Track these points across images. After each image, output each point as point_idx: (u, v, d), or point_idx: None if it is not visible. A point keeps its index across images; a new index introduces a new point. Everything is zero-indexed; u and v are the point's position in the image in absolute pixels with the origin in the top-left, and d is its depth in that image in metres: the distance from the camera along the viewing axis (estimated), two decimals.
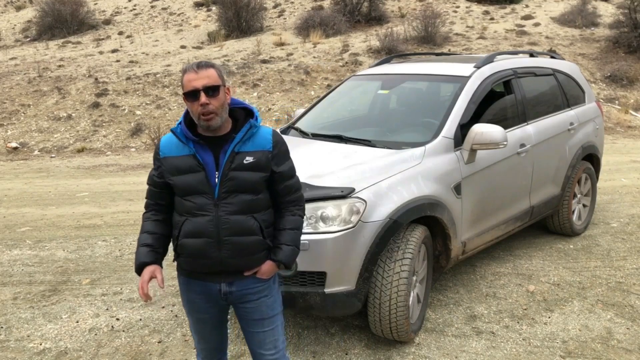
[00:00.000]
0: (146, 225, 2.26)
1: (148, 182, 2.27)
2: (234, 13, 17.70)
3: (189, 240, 2.14)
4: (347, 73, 13.28)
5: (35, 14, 20.14)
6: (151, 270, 2.16)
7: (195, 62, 2.13)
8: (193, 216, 2.13)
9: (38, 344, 3.46)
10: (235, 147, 2.13)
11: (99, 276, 4.51)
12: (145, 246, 2.21)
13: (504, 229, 4.26)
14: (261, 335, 2.29)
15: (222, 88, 2.12)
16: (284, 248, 2.22)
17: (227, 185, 2.11)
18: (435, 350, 3.31)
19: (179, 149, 2.16)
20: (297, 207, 2.28)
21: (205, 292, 2.24)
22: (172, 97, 12.36)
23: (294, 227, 2.26)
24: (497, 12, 19.18)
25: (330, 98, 4.85)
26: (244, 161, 2.12)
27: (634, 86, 13.74)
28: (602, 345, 3.36)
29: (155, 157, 2.23)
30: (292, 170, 2.27)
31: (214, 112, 2.08)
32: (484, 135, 3.63)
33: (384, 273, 3.14)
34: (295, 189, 2.27)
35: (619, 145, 10.39)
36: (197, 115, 2.09)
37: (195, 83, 2.07)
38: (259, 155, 2.15)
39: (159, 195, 2.24)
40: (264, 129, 2.21)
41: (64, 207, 6.66)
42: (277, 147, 2.20)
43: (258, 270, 2.21)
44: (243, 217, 2.13)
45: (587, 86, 5.56)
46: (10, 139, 11.07)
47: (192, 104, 2.09)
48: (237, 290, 2.22)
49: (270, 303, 2.29)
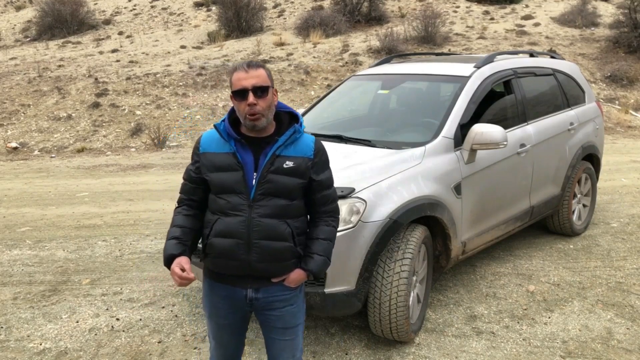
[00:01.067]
0: (176, 219, 2.24)
1: (184, 176, 2.27)
2: (234, 13, 17.70)
3: (218, 240, 2.12)
4: (347, 73, 13.28)
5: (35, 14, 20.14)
6: (179, 262, 2.11)
7: (245, 62, 2.12)
8: (225, 215, 2.11)
9: (38, 344, 3.46)
10: (277, 150, 2.11)
11: (99, 276, 4.51)
12: (173, 239, 2.18)
13: (504, 229, 4.26)
14: (281, 343, 2.26)
15: (271, 89, 2.11)
16: (316, 258, 2.18)
17: (264, 187, 2.09)
18: (435, 350, 3.31)
19: (219, 145, 2.15)
20: (332, 218, 2.25)
21: (230, 296, 2.20)
22: (172, 97, 12.36)
23: (328, 237, 2.22)
24: (497, 12, 19.19)
25: (330, 98, 4.85)
26: (283, 165, 2.10)
27: (634, 86, 13.74)
28: (602, 345, 3.36)
29: (195, 152, 2.22)
30: (330, 180, 2.25)
31: (260, 112, 2.07)
32: (484, 135, 3.63)
33: (384, 273, 3.14)
34: (332, 199, 2.25)
35: (619, 145, 10.40)
36: (243, 115, 2.08)
37: (245, 82, 2.06)
38: (299, 161, 2.12)
39: (193, 191, 2.23)
40: (307, 136, 2.20)
41: (64, 207, 6.66)
42: (318, 155, 2.18)
43: (286, 278, 2.18)
44: (275, 221, 2.10)
45: (587, 86, 5.56)
46: (10, 139, 11.07)
47: (240, 103, 2.08)
48: (263, 297, 2.18)
49: (294, 312, 2.25)
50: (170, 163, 9.43)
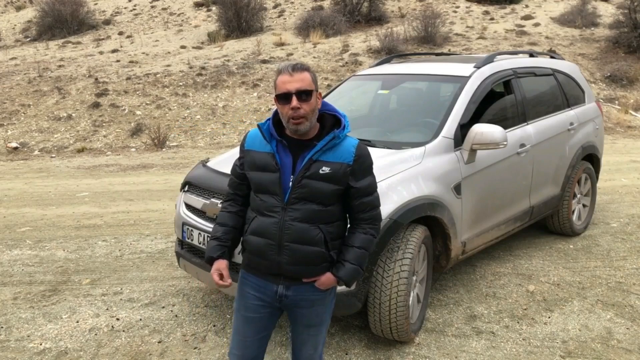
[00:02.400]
0: (221, 216, 2.31)
1: (231, 171, 2.34)
2: (234, 13, 17.72)
3: (252, 238, 2.17)
4: (347, 73, 13.28)
5: (35, 14, 20.16)
6: (217, 267, 2.21)
7: (290, 64, 2.09)
8: (261, 215, 2.15)
9: (38, 344, 3.46)
10: (314, 156, 2.09)
11: (99, 276, 4.51)
12: (215, 239, 2.26)
13: (504, 229, 4.26)
14: (305, 336, 2.30)
15: (315, 93, 2.10)
16: (347, 266, 2.17)
17: (298, 191, 2.09)
18: (435, 350, 3.31)
19: (261, 145, 2.17)
20: (370, 226, 2.21)
21: (261, 289, 2.23)
22: (172, 97, 12.36)
23: (363, 246, 2.18)
24: (497, 12, 19.19)
25: (330, 98, 4.85)
26: (319, 171, 2.08)
27: (633, 86, 13.74)
28: (602, 345, 3.37)
29: (241, 148, 2.27)
30: (372, 187, 2.20)
31: (304, 116, 2.06)
32: (484, 135, 3.63)
33: (384, 273, 3.14)
34: (371, 206, 2.20)
35: (619, 145, 10.40)
36: (286, 118, 2.08)
37: (289, 86, 2.05)
38: (337, 167, 2.09)
39: (238, 187, 2.29)
40: (350, 140, 2.16)
41: (64, 207, 6.66)
42: (359, 161, 2.14)
43: (317, 280, 2.18)
44: (307, 225, 2.10)
45: (587, 86, 5.56)
46: (10, 139, 11.07)
47: (283, 106, 2.07)
48: (292, 295, 2.20)
49: (320, 313, 2.27)
50: (170, 163, 9.43)
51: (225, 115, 11.79)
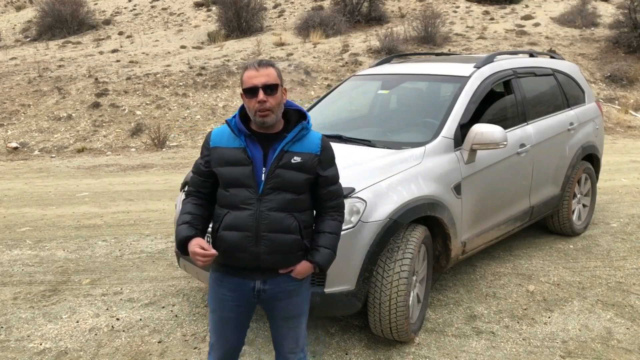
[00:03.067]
0: (186, 207, 2.32)
1: (193, 170, 2.35)
2: (234, 13, 17.72)
3: (228, 233, 2.18)
4: (347, 73, 13.28)
5: (35, 14, 20.15)
6: (196, 242, 2.16)
7: (256, 60, 2.22)
8: (235, 209, 2.18)
9: (38, 344, 3.46)
10: (285, 146, 2.19)
11: (99, 276, 4.51)
12: (184, 223, 2.25)
13: (504, 229, 4.26)
14: (285, 330, 2.35)
15: (280, 87, 2.20)
16: (322, 250, 2.26)
17: (273, 182, 2.17)
18: (435, 350, 3.31)
19: (229, 140, 2.23)
20: (337, 213, 2.33)
21: (238, 289, 2.26)
22: (172, 97, 12.36)
23: (334, 231, 2.30)
24: (497, 12, 19.19)
25: (330, 98, 4.85)
26: (291, 160, 2.18)
27: (633, 86, 13.74)
28: (602, 345, 3.37)
29: (205, 146, 2.30)
30: (336, 177, 2.33)
31: (270, 109, 2.15)
32: (484, 135, 3.63)
33: (384, 273, 3.14)
34: (337, 195, 2.32)
35: (619, 145, 10.40)
36: (253, 112, 2.17)
37: (255, 80, 2.14)
38: (306, 157, 2.20)
39: (202, 184, 2.31)
40: (314, 134, 2.28)
41: (64, 207, 6.66)
42: (325, 152, 2.27)
43: (293, 270, 2.25)
44: (283, 214, 2.17)
45: (587, 86, 5.56)
46: (10, 139, 11.07)
47: (250, 100, 2.16)
48: (270, 288, 2.25)
49: (298, 303, 2.33)
50: (170, 163, 9.43)
51: (225, 115, 11.78)
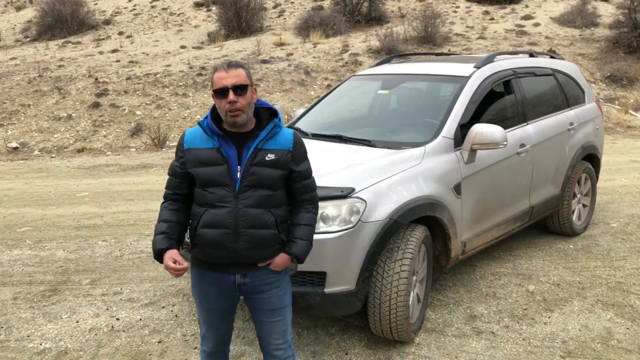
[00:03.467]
0: (162, 214, 2.35)
1: (169, 172, 2.38)
2: (234, 13, 17.71)
3: (207, 231, 2.23)
4: (347, 73, 13.28)
5: (35, 14, 20.15)
6: (170, 256, 2.23)
7: (226, 62, 2.25)
8: (212, 207, 2.22)
9: (38, 344, 3.46)
10: (259, 144, 2.24)
11: (99, 276, 4.51)
12: (161, 234, 2.30)
13: (504, 229, 4.26)
14: (270, 325, 2.38)
15: (250, 87, 2.24)
16: (299, 242, 2.32)
17: (248, 179, 2.21)
18: (435, 350, 3.31)
19: (203, 141, 2.27)
20: (312, 205, 2.39)
21: (219, 283, 2.31)
22: (172, 97, 12.36)
23: (309, 223, 2.36)
24: (497, 12, 19.19)
25: (330, 98, 4.85)
26: (265, 158, 2.23)
27: (633, 86, 13.74)
28: (602, 345, 3.37)
29: (179, 148, 2.34)
30: (309, 171, 2.38)
31: (240, 109, 2.19)
32: (484, 135, 3.64)
33: (384, 273, 3.14)
34: (311, 188, 2.39)
35: (619, 145, 10.40)
36: (224, 112, 2.21)
37: (225, 81, 2.19)
38: (280, 154, 2.25)
39: (179, 185, 2.34)
40: (286, 130, 2.33)
41: (64, 207, 6.66)
42: (297, 147, 2.32)
43: (272, 262, 2.31)
44: (260, 210, 2.22)
45: (587, 86, 5.56)
46: (10, 139, 11.07)
47: (221, 100, 2.20)
48: (250, 282, 2.30)
49: (281, 294, 2.38)
50: (170, 163, 9.42)
51: None
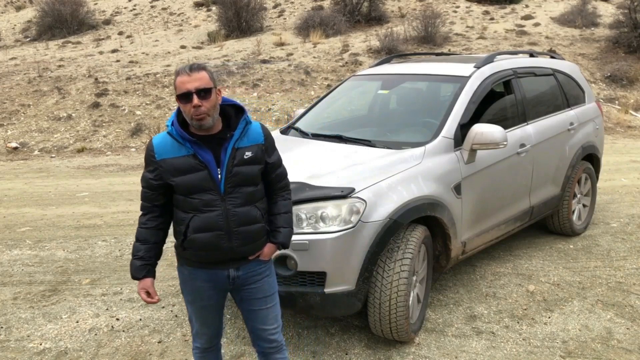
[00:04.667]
0: (141, 233, 2.35)
1: (143, 184, 2.31)
2: (234, 13, 17.70)
3: (199, 235, 2.24)
4: (347, 73, 13.28)
5: (35, 14, 20.14)
6: (143, 287, 2.36)
7: (187, 65, 2.21)
8: (201, 212, 2.22)
9: (38, 344, 3.46)
10: (235, 144, 2.25)
11: (99, 276, 4.51)
12: (138, 259, 2.34)
13: (504, 229, 4.26)
14: (265, 311, 2.43)
15: (214, 90, 2.21)
16: (282, 230, 2.41)
17: (232, 180, 2.23)
18: (435, 350, 3.31)
19: (174, 149, 2.22)
20: (286, 192, 2.46)
21: (213, 279, 2.34)
22: (172, 97, 12.35)
23: (287, 210, 2.44)
24: (497, 12, 19.18)
25: (330, 98, 4.85)
26: (244, 156, 2.25)
27: (634, 86, 13.74)
28: (602, 345, 3.37)
29: (150, 160, 2.26)
30: (280, 159, 2.44)
31: (205, 112, 2.17)
32: (484, 135, 3.64)
33: (384, 273, 3.14)
34: (284, 175, 2.45)
35: (619, 145, 10.39)
36: (189, 116, 2.18)
37: (188, 85, 2.15)
38: (256, 149, 2.29)
39: (156, 197, 2.31)
40: (254, 124, 2.35)
41: (64, 207, 6.66)
42: (268, 139, 2.36)
43: (261, 254, 2.38)
44: (248, 207, 2.27)
45: (587, 86, 5.56)
46: (10, 139, 11.07)
47: (185, 105, 2.17)
48: (243, 274, 2.35)
49: (271, 281, 2.45)
50: None
51: None
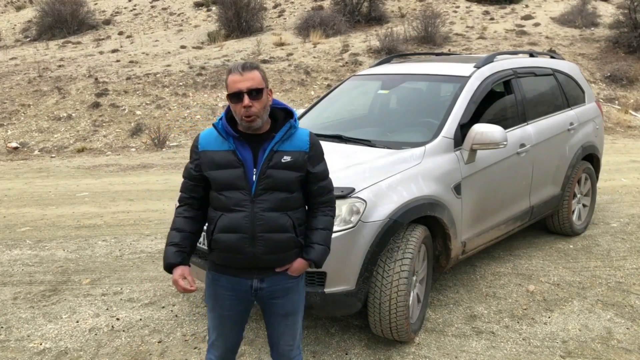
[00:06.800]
0: (177, 221, 2.29)
1: (184, 174, 2.31)
2: (234, 13, 17.70)
3: (223, 235, 2.18)
4: (347, 73, 13.28)
5: (35, 14, 20.14)
6: (180, 273, 2.21)
7: (240, 64, 2.17)
8: (229, 212, 2.18)
9: (38, 344, 3.46)
10: (275, 146, 2.18)
11: (99, 276, 4.51)
12: (173, 245, 2.25)
13: (504, 229, 4.26)
14: (283, 328, 2.35)
15: (265, 90, 2.17)
16: (316, 247, 2.27)
17: (264, 182, 2.16)
18: (435, 350, 3.31)
19: (218, 143, 2.21)
20: (329, 208, 2.33)
21: (235, 288, 2.27)
22: (172, 97, 12.36)
23: (326, 227, 2.31)
24: (497, 12, 19.19)
25: (330, 98, 4.85)
26: (281, 160, 2.18)
27: (633, 86, 13.74)
28: (602, 345, 3.37)
29: (194, 150, 2.27)
30: (326, 172, 2.33)
31: (256, 114, 2.13)
32: (484, 135, 3.63)
33: (384, 273, 3.14)
34: (328, 190, 2.33)
35: (619, 145, 10.39)
36: (240, 116, 2.15)
37: (240, 85, 2.12)
38: (296, 155, 2.20)
39: (194, 189, 2.28)
40: (302, 131, 2.28)
41: (64, 207, 6.66)
42: (314, 148, 2.26)
43: (289, 268, 2.27)
44: (277, 214, 2.18)
45: (587, 86, 5.56)
46: (10, 139, 11.07)
47: (236, 105, 2.14)
48: (267, 287, 2.26)
49: (295, 300, 2.34)
50: (170, 163, 9.43)
51: None
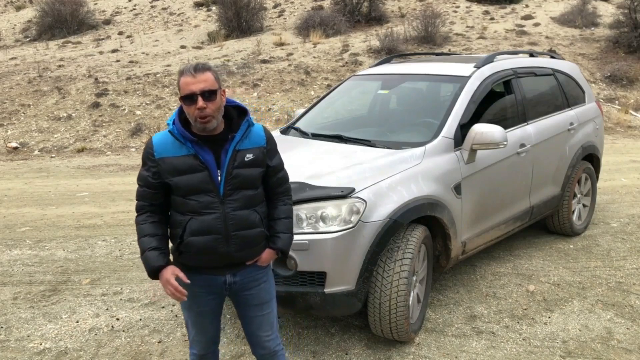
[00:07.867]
0: (145, 228, 2.23)
1: (141, 183, 2.24)
2: (234, 13, 17.69)
3: (196, 239, 2.18)
4: (347, 73, 13.28)
5: (35, 14, 20.13)
6: (171, 272, 2.18)
7: (192, 65, 2.13)
8: (199, 215, 2.17)
9: (38, 344, 3.46)
10: (237, 146, 2.20)
11: (99, 276, 4.51)
12: (153, 249, 2.20)
13: (504, 229, 4.26)
14: (260, 318, 2.40)
15: (219, 91, 2.16)
16: (282, 236, 2.35)
17: (232, 182, 2.18)
18: (435, 350, 3.31)
19: (175, 148, 2.17)
20: (287, 197, 2.41)
21: (209, 284, 2.30)
22: (172, 97, 12.36)
23: (288, 215, 2.39)
24: (497, 12, 19.18)
25: (330, 98, 4.85)
26: (245, 159, 2.20)
27: (634, 86, 13.73)
28: (602, 345, 3.37)
29: (148, 158, 2.19)
30: (282, 163, 2.39)
31: (210, 115, 2.12)
32: (484, 135, 3.64)
33: (384, 273, 3.14)
34: (285, 179, 2.40)
35: (619, 145, 10.39)
36: (194, 118, 2.13)
37: (193, 87, 2.09)
38: (257, 152, 2.24)
39: (154, 196, 2.23)
40: (257, 126, 2.31)
41: (64, 207, 6.66)
42: (270, 142, 2.32)
43: (259, 259, 2.33)
44: (247, 211, 2.22)
45: (587, 86, 5.56)
46: (10, 139, 11.07)
47: (189, 107, 2.12)
48: (240, 280, 2.31)
49: (267, 288, 2.40)
50: None
51: None
